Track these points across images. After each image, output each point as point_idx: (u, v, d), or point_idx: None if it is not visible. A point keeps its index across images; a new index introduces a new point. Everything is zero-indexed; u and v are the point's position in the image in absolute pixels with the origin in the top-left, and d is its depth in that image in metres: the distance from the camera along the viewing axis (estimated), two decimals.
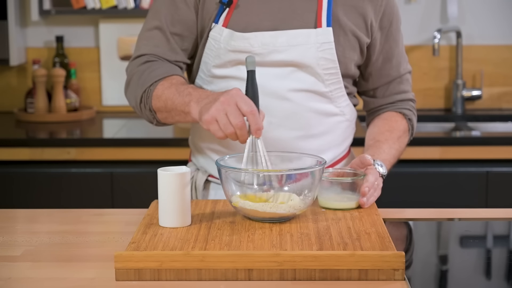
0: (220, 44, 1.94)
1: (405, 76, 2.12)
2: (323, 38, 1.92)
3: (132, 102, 1.98)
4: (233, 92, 1.73)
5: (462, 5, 3.65)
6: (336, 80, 1.97)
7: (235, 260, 1.50)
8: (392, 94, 2.12)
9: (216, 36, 1.94)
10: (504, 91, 3.69)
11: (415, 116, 2.14)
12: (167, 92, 1.89)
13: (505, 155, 3.07)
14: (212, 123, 1.73)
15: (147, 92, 1.93)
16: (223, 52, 1.94)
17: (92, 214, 1.95)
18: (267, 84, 1.92)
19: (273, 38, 1.92)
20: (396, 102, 2.12)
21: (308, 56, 1.92)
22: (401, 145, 2.07)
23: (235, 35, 1.92)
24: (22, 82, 3.70)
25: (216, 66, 1.96)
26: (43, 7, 3.52)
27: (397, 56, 2.08)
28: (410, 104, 2.13)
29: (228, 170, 1.69)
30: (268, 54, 1.92)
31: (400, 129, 2.09)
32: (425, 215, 1.90)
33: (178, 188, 1.67)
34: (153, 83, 1.92)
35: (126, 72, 2.01)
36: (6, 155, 3.10)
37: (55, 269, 1.57)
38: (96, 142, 3.13)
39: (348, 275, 1.49)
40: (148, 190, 2.94)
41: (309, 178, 1.69)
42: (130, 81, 1.98)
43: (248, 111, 1.71)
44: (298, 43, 1.92)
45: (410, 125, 2.12)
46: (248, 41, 1.92)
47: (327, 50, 1.93)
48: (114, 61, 3.66)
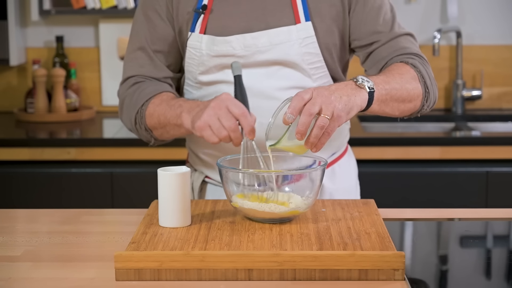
0: (202, 51, 1.94)
1: (403, 36, 1.99)
2: (304, 33, 1.92)
3: (128, 124, 2.01)
4: (223, 96, 1.75)
5: (462, 5, 3.65)
6: (323, 73, 1.96)
7: (235, 260, 1.50)
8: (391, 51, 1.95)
9: (195, 44, 1.95)
10: (504, 91, 3.69)
11: (424, 68, 1.91)
12: (158, 108, 1.91)
13: (505, 155, 3.07)
14: (205, 129, 1.74)
15: (139, 113, 1.95)
16: (206, 59, 1.94)
17: (92, 214, 1.95)
18: (254, 84, 1.92)
19: (255, 40, 1.92)
20: (397, 56, 1.94)
21: (291, 53, 1.92)
22: (405, 83, 1.83)
23: (216, 40, 1.93)
24: (22, 82, 3.70)
25: (202, 73, 1.97)
26: (43, 7, 3.52)
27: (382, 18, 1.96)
28: (414, 57, 1.94)
29: (228, 170, 1.70)
30: (252, 56, 1.93)
31: (403, 71, 1.86)
32: (425, 215, 1.90)
33: (178, 188, 1.67)
34: (144, 103, 1.94)
35: (118, 96, 2.03)
36: (6, 155, 3.10)
37: (55, 269, 1.57)
38: (96, 142, 3.13)
39: (348, 275, 1.50)
40: (148, 190, 2.94)
41: (309, 178, 1.69)
42: (122, 105, 2.01)
43: (240, 113, 1.72)
44: (280, 41, 1.92)
45: (418, 73, 1.89)
46: (230, 44, 1.92)
47: (309, 45, 1.93)
48: (114, 61, 3.66)
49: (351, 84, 1.73)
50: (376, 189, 2.99)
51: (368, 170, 2.99)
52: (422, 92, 1.89)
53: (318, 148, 1.66)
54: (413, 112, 1.92)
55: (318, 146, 1.66)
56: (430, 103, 1.93)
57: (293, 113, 1.62)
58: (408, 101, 1.86)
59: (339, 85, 1.72)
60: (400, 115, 1.89)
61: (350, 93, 1.70)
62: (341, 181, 2.08)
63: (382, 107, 1.80)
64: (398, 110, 1.86)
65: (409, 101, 1.86)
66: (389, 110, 1.83)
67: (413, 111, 1.91)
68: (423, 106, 1.91)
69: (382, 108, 1.80)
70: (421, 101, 1.89)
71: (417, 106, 1.90)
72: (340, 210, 1.79)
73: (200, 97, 1.99)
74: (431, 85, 1.91)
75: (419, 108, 1.91)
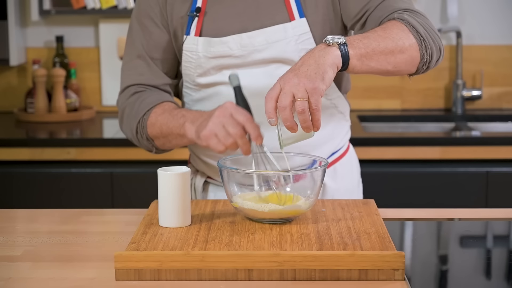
0: (198, 54, 1.94)
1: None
2: (300, 29, 1.92)
3: (128, 134, 2.00)
4: (226, 105, 1.75)
5: (462, 5, 3.65)
6: None
7: (235, 260, 1.50)
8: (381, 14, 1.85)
9: (191, 47, 1.95)
10: (504, 91, 3.69)
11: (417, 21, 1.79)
12: (160, 118, 1.91)
13: (505, 155, 3.07)
14: (211, 138, 1.74)
15: (141, 122, 1.95)
16: (203, 61, 1.94)
17: (92, 214, 1.95)
18: (254, 84, 1.92)
19: (251, 39, 1.92)
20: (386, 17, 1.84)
21: (288, 50, 1.92)
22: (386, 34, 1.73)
23: (212, 41, 1.93)
24: (22, 82, 3.70)
25: (200, 75, 1.96)
26: (43, 7, 3.52)
27: None
28: (404, 12, 1.81)
29: (230, 171, 1.70)
30: (249, 55, 1.93)
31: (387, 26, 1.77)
32: (425, 215, 1.90)
33: (178, 188, 1.67)
34: (145, 112, 1.94)
35: (117, 105, 2.03)
36: (6, 155, 3.10)
37: (55, 269, 1.57)
38: (96, 142, 3.13)
39: (348, 275, 1.50)
40: (148, 190, 2.94)
41: (310, 178, 1.69)
42: (123, 115, 2.00)
43: (245, 120, 1.73)
44: (277, 39, 1.92)
45: (408, 25, 1.77)
46: (226, 44, 1.92)
47: (306, 41, 1.92)
48: (114, 61, 3.66)
49: (320, 46, 1.67)
50: (376, 189, 2.99)
51: (368, 170, 2.99)
52: (416, 41, 1.76)
53: (318, 126, 1.62)
54: (413, 64, 1.79)
55: (315, 125, 1.62)
56: (433, 52, 1.80)
57: (271, 116, 1.62)
58: (399, 52, 1.74)
59: (306, 55, 1.67)
60: (395, 68, 1.77)
61: (318, 57, 1.64)
62: (343, 180, 2.08)
63: (365, 62, 1.71)
64: (389, 63, 1.74)
65: (400, 51, 1.74)
66: (377, 65, 1.73)
67: (413, 63, 1.79)
68: (424, 56, 1.78)
69: (366, 63, 1.71)
70: (418, 50, 1.77)
71: (415, 56, 1.77)
72: (340, 210, 1.79)
73: (199, 98, 1.99)
74: (426, 33, 1.79)
75: (420, 58, 1.78)
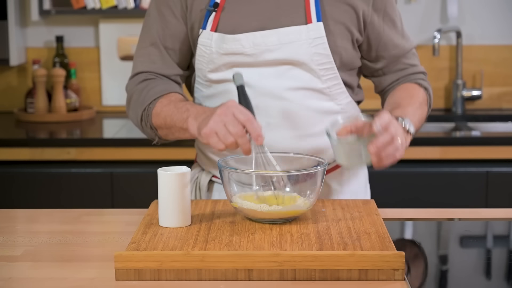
0: (211, 49, 1.94)
1: (411, 51, 2.08)
2: (315, 33, 1.92)
3: (134, 120, 2.01)
4: (229, 104, 1.75)
5: (462, 5, 3.65)
6: (333, 75, 1.96)
7: (235, 260, 1.50)
8: (402, 68, 2.07)
9: (206, 41, 1.95)
10: (504, 91, 3.69)
11: (430, 88, 2.08)
12: (165, 109, 1.91)
13: (505, 155, 3.07)
14: (211, 136, 1.74)
15: (146, 110, 1.95)
16: (216, 57, 1.94)
17: (92, 214, 1.95)
18: (263, 84, 1.92)
19: (264, 38, 1.92)
20: (408, 75, 2.07)
21: (301, 53, 1.92)
22: (422, 114, 2.00)
23: (226, 38, 1.93)
24: (22, 82, 3.70)
25: (211, 71, 1.96)
26: (43, 7, 3.52)
27: (399, 32, 2.04)
28: (422, 76, 2.08)
29: (230, 171, 1.70)
30: (261, 54, 1.92)
31: (420, 97, 2.02)
32: (425, 215, 1.90)
33: (178, 188, 1.67)
34: (152, 101, 1.94)
35: (126, 91, 2.03)
36: (6, 155, 3.10)
37: (55, 269, 1.57)
38: (96, 142, 3.13)
39: (348, 275, 1.50)
40: (148, 190, 2.94)
41: (310, 179, 1.69)
42: (130, 100, 2.01)
43: (245, 119, 1.73)
44: (290, 40, 1.92)
45: (428, 95, 2.05)
46: (239, 42, 1.92)
47: (319, 45, 1.92)
48: (114, 61, 3.66)
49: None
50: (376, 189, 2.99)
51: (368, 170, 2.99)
52: (427, 110, 2.04)
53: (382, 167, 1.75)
54: None
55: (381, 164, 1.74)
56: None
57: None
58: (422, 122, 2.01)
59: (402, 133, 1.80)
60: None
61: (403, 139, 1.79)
62: (348, 184, 2.08)
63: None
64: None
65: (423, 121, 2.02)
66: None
67: None
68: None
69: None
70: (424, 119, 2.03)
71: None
72: (340, 210, 1.79)
73: (209, 95, 1.99)
74: (432, 97, 2.07)
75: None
